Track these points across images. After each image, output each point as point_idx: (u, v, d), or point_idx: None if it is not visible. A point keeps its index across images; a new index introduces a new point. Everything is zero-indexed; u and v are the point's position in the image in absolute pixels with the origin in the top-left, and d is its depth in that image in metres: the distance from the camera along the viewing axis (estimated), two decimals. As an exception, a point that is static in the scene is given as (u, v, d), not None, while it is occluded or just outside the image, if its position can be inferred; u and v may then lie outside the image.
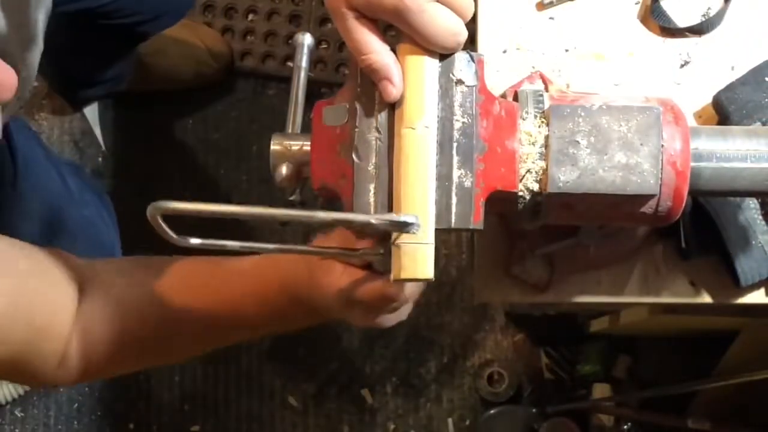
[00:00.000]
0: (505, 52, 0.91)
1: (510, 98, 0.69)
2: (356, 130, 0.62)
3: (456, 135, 0.61)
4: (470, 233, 0.80)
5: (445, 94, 0.62)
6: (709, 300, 0.87)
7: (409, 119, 0.60)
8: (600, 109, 0.64)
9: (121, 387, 1.84)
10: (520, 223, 0.70)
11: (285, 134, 0.67)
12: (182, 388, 1.84)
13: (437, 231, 0.60)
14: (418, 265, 0.59)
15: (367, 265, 0.68)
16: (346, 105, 0.63)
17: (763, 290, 0.87)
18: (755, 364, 1.23)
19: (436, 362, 1.81)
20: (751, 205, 0.83)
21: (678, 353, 1.65)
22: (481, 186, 0.62)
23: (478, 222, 0.62)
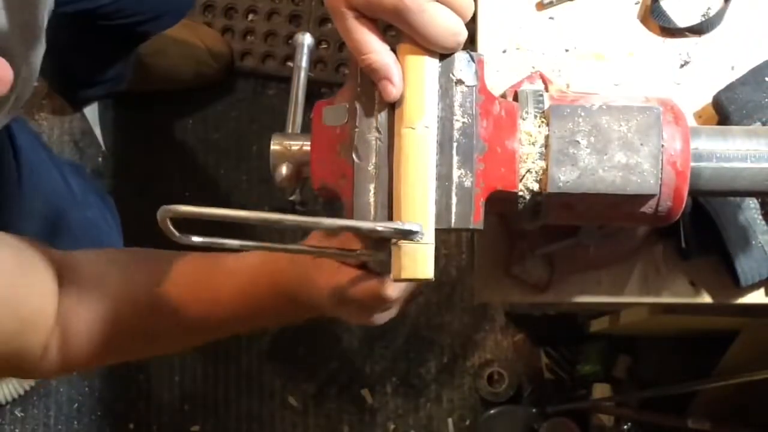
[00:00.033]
0: (505, 52, 0.91)
1: (510, 98, 0.69)
2: (356, 130, 0.62)
3: (456, 135, 0.61)
4: (470, 233, 0.80)
5: (445, 94, 0.62)
6: (709, 300, 0.87)
7: (409, 119, 0.60)
8: (600, 109, 0.64)
9: (121, 387, 1.84)
10: (520, 223, 0.70)
11: (285, 134, 0.67)
12: (182, 388, 1.84)
13: (437, 231, 0.60)
14: (418, 265, 0.59)
15: (362, 264, 0.68)
16: (346, 105, 0.63)
17: (763, 290, 0.87)
18: (755, 364, 1.23)
19: (436, 362, 1.81)
20: (751, 205, 0.83)
21: (678, 353, 1.65)
22: (481, 186, 0.62)
23: (478, 222, 0.62)
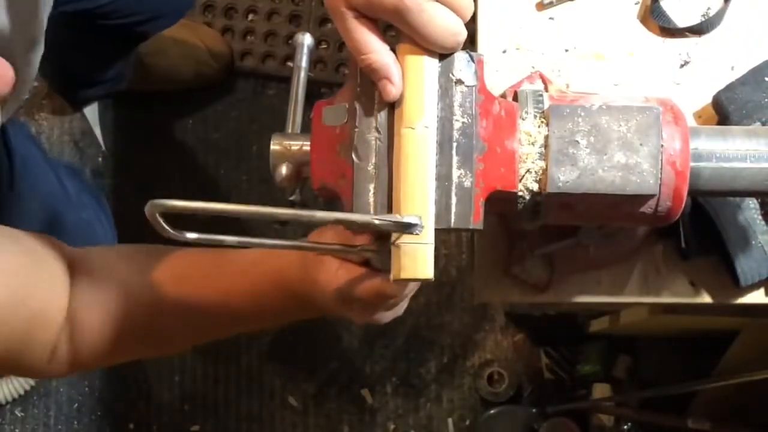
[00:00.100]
0: (505, 52, 0.91)
1: (510, 98, 0.69)
2: (356, 130, 0.62)
3: (456, 135, 0.61)
4: (470, 233, 0.80)
5: (445, 94, 0.62)
6: (709, 300, 0.87)
7: (409, 119, 0.60)
8: (600, 109, 0.64)
9: (121, 387, 1.84)
10: (520, 223, 0.70)
11: (285, 134, 0.67)
12: (182, 388, 1.84)
13: (437, 231, 0.60)
14: (418, 265, 0.59)
15: (365, 262, 0.68)
16: (346, 105, 0.63)
17: (763, 290, 0.87)
18: (755, 364, 1.23)
19: (436, 362, 1.81)
20: (751, 205, 0.83)
21: (678, 353, 1.65)
22: (481, 186, 0.62)
23: (477, 222, 0.62)
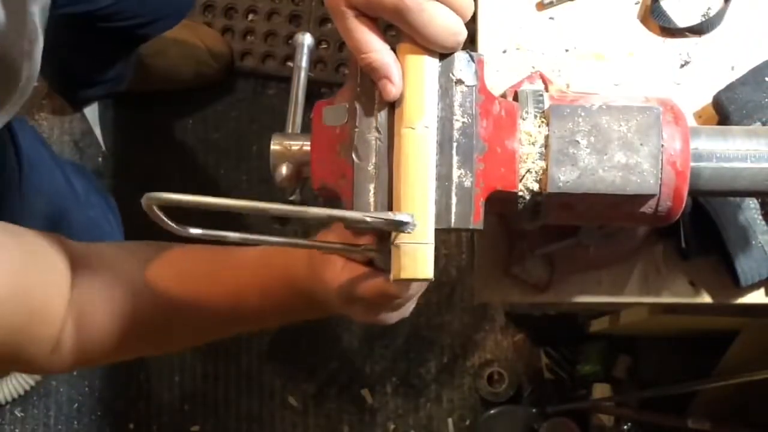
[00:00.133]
0: (505, 52, 0.91)
1: (510, 98, 0.69)
2: (356, 130, 0.62)
3: (456, 135, 0.61)
4: (470, 233, 0.80)
5: (445, 93, 0.62)
6: (709, 300, 0.87)
7: (409, 119, 0.60)
8: (600, 109, 0.64)
9: (121, 387, 1.84)
10: (520, 223, 0.70)
11: (285, 134, 0.67)
12: (182, 388, 1.84)
13: (437, 231, 0.60)
14: (418, 264, 0.59)
15: (369, 261, 0.68)
16: (346, 105, 0.63)
17: (763, 290, 0.87)
18: (755, 364, 1.23)
19: (436, 362, 1.81)
20: (751, 205, 0.83)
21: (678, 353, 1.65)
22: (481, 186, 0.62)
23: (477, 222, 0.62)
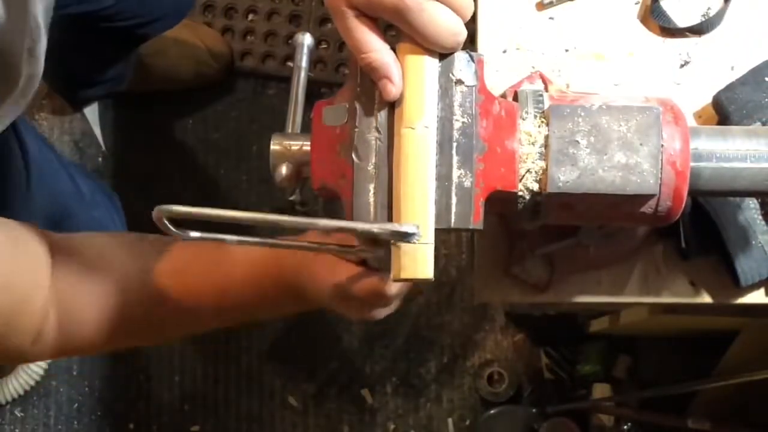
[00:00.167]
0: (505, 52, 0.91)
1: (510, 98, 0.69)
2: (356, 130, 0.62)
3: (456, 135, 0.61)
4: (470, 233, 0.80)
5: (445, 93, 0.62)
6: (709, 300, 0.87)
7: (409, 119, 0.60)
8: (600, 109, 0.64)
9: (121, 387, 1.84)
10: (520, 223, 0.70)
11: (285, 134, 0.67)
12: (182, 388, 1.84)
13: (437, 231, 0.60)
14: (418, 264, 0.59)
15: (362, 260, 0.68)
16: (346, 105, 0.63)
17: (763, 290, 0.87)
18: (755, 364, 1.23)
19: (436, 362, 1.81)
20: (751, 205, 0.83)
21: (678, 353, 1.65)
22: (481, 186, 0.62)
23: (477, 222, 0.62)
